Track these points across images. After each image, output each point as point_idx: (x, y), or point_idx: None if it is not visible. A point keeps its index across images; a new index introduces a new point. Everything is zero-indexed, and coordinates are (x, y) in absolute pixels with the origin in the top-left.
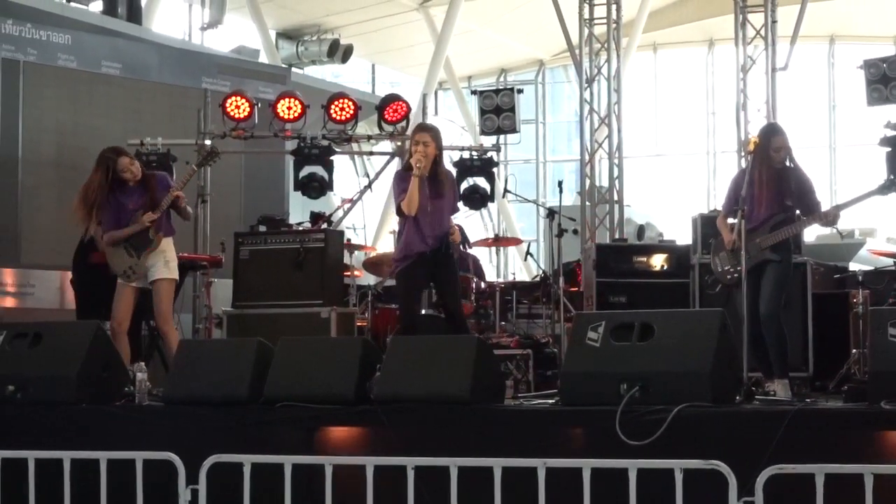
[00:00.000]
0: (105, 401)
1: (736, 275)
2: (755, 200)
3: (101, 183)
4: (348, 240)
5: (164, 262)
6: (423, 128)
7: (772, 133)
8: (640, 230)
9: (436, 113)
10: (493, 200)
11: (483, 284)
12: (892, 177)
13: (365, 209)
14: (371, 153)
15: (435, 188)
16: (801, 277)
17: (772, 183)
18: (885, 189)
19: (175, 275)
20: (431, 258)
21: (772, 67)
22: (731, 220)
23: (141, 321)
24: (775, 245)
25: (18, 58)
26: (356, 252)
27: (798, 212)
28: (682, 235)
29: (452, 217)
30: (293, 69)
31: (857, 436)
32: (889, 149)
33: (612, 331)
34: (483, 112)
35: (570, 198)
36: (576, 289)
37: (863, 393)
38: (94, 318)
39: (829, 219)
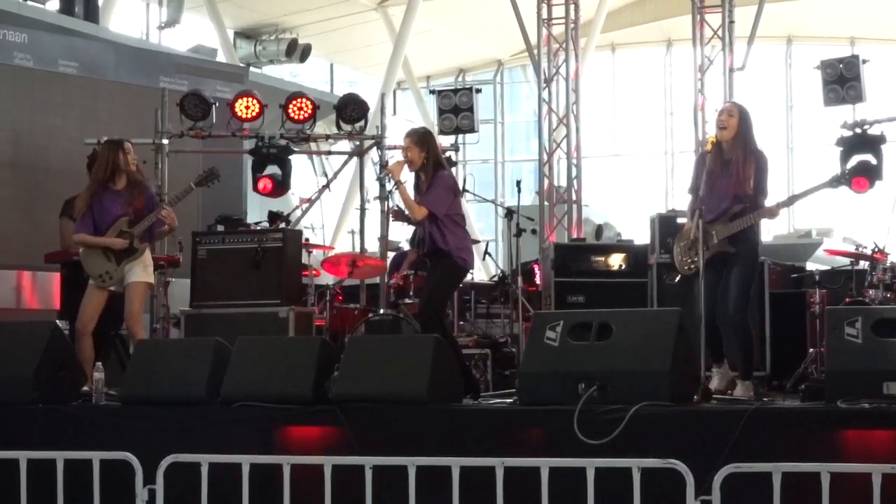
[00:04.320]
0: (62, 401)
1: (694, 266)
2: (714, 189)
3: (105, 167)
4: (306, 239)
5: (143, 267)
6: (406, 134)
7: (721, 108)
8: (599, 230)
9: (394, 112)
10: None
11: None
12: (844, 170)
13: (323, 209)
14: (329, 153)
15: (419, 190)
16: (758, 277)
17: (730, 169)
18: (835, 182)
19: (151, 279)
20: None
21: (729, 68)
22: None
23: (109, 326)
24: (733, 237)
25: None
26: (314, 251)
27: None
28: (640, 235)
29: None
30: (251, 69)
31: (814, 435)
32: (844, 149)
33: (571, 330)
34: (441, 112)
35: (529, 197)
36: (534, 288)
37: (820, 392)
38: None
39: (770, 214)
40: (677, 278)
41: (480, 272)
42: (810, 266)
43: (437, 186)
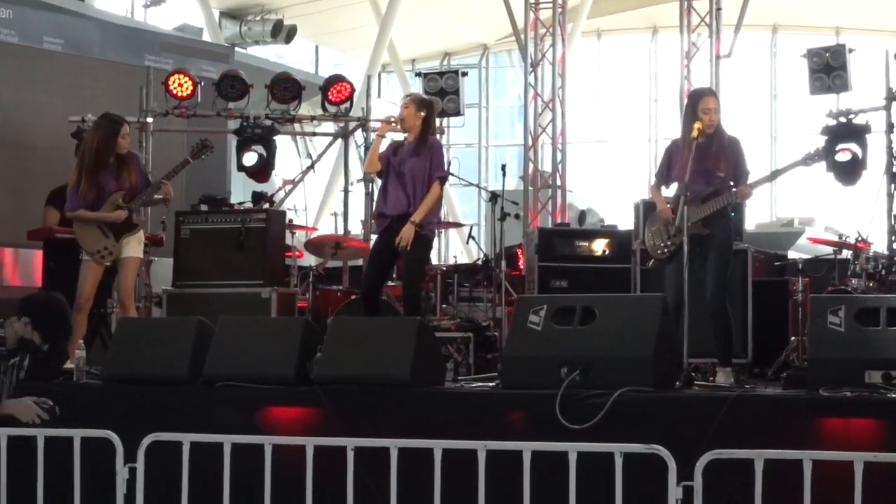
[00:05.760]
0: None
1: (667, 251)
2: (692, 174)
3: (102, 143)
4: (290, 220)
5: (138, 242)
6: (408, 94)
7: (700, 95)
8: (581, 215)
9: (379, 95)
10: None
11: None
12: (818, 147)
13: (307, 190)
14: (314, 134)
15: (415, 149)
16: (741, 265)
17: (702, 152)
18: (808, 160)
19: (142, 254)
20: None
21: (716, 55)
22: (665, 193)
23: (93, 304)
24: (706, 218)
25: None
26: (297, 233)
27: (731, 183)
28: (624, 221)
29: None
30: (236, 49)
31: (796, 422)
32: (829, 138)
33: (554, 314)
34: (427, 94)
35: (513, 182)
36: (517, 272)
37: (802, 380)
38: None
39: (744, 195)
40: (650, 263)
41: (463, 255)
42: (793, 254)
43: (437, 153)
